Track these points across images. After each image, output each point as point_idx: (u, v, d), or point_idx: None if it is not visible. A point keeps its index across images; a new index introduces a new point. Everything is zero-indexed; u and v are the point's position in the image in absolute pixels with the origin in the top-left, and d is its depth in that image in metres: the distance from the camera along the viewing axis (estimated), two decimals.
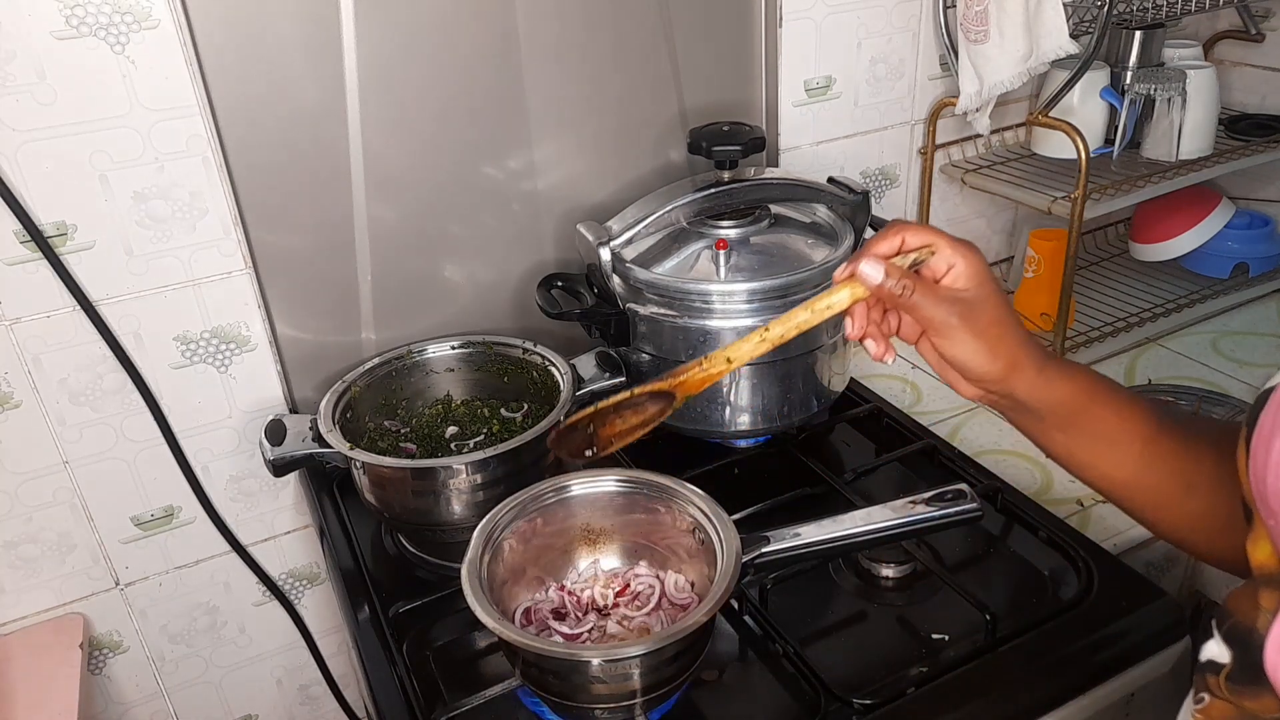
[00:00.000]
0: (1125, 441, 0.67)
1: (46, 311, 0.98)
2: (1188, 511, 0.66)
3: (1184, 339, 1.40)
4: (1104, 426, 0.68)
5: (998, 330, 0.66)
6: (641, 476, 0.87)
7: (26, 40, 0.88)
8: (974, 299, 0.66)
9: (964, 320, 0.65)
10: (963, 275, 0.66)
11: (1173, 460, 0.66)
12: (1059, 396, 0.68)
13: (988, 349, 0.66)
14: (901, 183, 1.41)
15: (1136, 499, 0.69)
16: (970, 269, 0.66)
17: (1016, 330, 0.67)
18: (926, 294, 0.65)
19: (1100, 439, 0.68)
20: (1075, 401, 0.68)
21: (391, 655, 0.88)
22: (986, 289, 0.66)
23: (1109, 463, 0.69)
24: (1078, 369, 0.70)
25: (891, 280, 0.65)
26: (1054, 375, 0.67)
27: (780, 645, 0.85)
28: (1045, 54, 1.16)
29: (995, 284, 0.67)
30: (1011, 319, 0.67)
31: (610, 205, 1.20)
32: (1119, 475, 0.69)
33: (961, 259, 0.66)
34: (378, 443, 1.07)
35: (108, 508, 1.09)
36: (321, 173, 1.07)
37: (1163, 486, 0.67)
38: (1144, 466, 0.67)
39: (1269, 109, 1.50)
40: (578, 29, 1.13)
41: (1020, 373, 0.67)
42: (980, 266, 0.67)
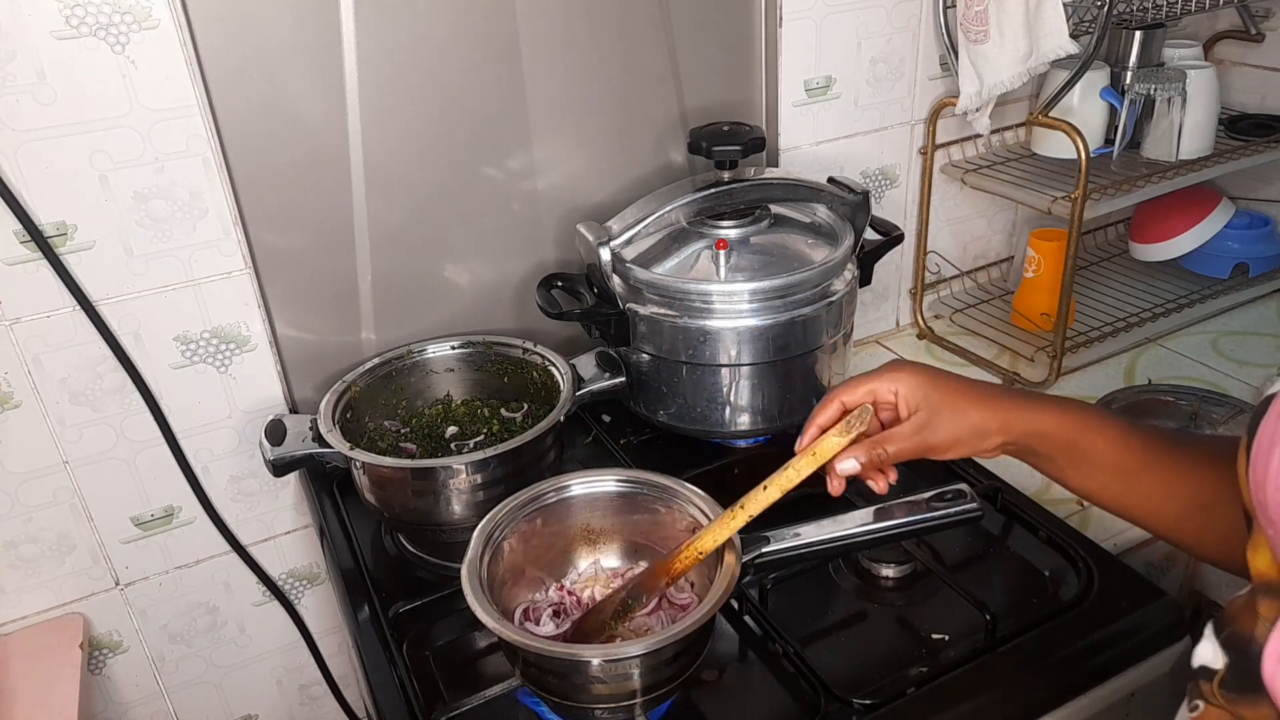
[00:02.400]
0: (1126, 467, 0.70)
1: (46, 311, 0.98)
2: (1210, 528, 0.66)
3: (1184, 339, 1.40)
4: (1102, 455, 0.70)
5: (964, 418, 0.72)
6: (641, 476, 0.86)
7: (26, 40, 0.88)
8: (930, 412, 0.72)
9: (935, 437, 0.72)
10: (908, 398, 0.73)
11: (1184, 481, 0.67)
12: (1052, 431, 0.71)
13: (967, 439, 0.72)
14: (901, 183, 1.41)
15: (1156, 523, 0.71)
16: (910, 390, 0.73)
17: (983, 397, 0.72)
18: (896, 444, 0.72)
19: (1102, 467, 0.70)
20: (1069, 434, 0.71)
21: (391, 655, 0.88)
22: (934, 392, 0.72)
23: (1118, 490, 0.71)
24: (1065, 404, 0.73)
25: (864, 458, 0.72)
26: (1043, 414, 0.71)
27: (780, 645, 0.85)
28: (1045, 54, 1.16)
29: (938, 381, 0.73)
30: (973, 395, 0.72)
31: (610, 205, 1.20)
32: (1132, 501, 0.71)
33: (899, 384, 0.73)
34: (378, 443, 1.07)
35: (108, 508, 1.09)
36: (321, 173, 1.07)
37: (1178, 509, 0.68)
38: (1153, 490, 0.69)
39: (1269, 109, 1.50)
40: (578, 29, 1.13)
41: (1008, 429, 0.71)
42: (916, 382, 0.73)
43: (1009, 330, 1.42)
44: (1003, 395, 0.73)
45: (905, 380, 0.73)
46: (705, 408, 1.10)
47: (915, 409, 0.73)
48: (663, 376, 1.10)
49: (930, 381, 0.73)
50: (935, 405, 0.72)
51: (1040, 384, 1.29)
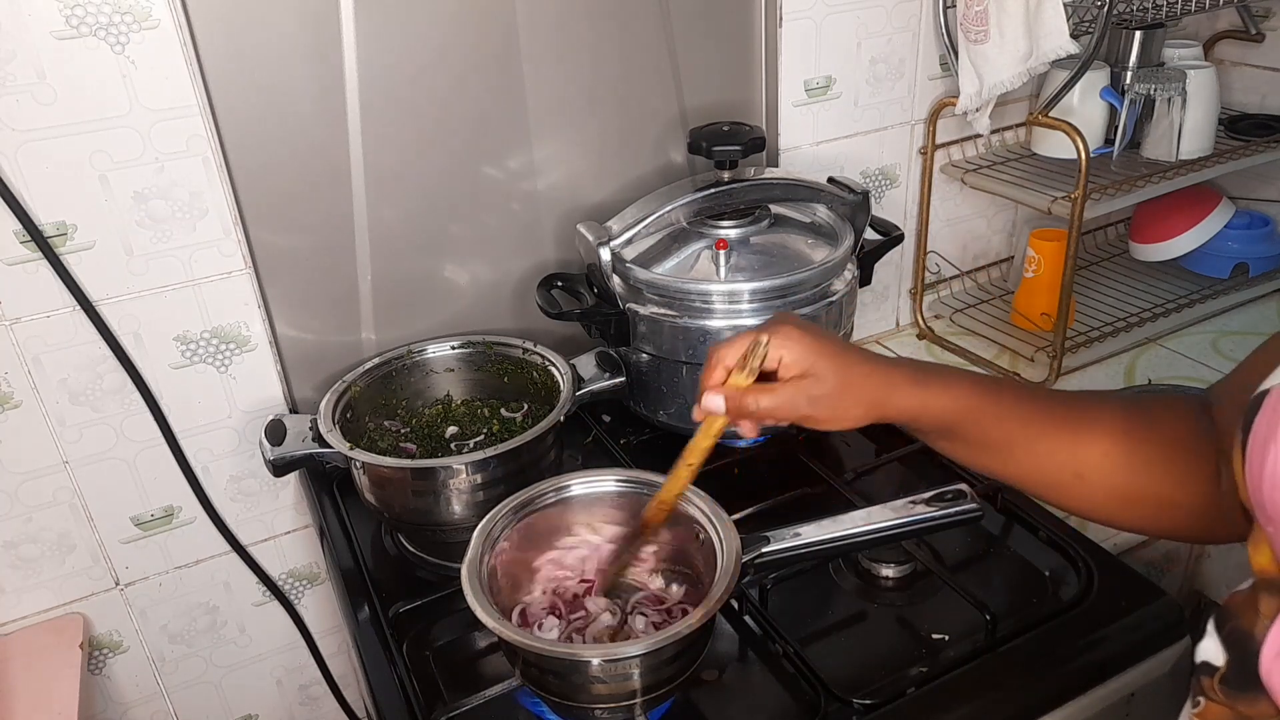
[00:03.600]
0: (1005, 443, 0.69)
1: (46, 311, 0.98)
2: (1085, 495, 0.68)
3: (1184, 339, 1.40)
4: (983, 432, 0.70)
5: (848, 389, 0.70)
6: (641, 476, 0.86)
7: (26, 40, 0.88)
8: (812, 378, 0.70)
9: (814, 402, 0.70)
10: (792, 362, 0.70)
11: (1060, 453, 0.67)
12: (935, 412, 0.70)
13: (847, 409, 0.70)
14: (901, 183, 1.41)
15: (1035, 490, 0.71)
16: (794, 352, 0.70)
17: (869, 370, 0.71)
18: (771, 399, 0.70)
19: (979, 444, 0.70)
20: (953, 413, 0.70)
21: (391, 655, 0.88)
22: (819, 359, 0.70)
23: (994, 464, 0.71)
24: (958, 380, 0.71)
25: (733, 405, 0.71)
26: (930, 392, 0.70)
27: (780, 645, 0.85)
28: (1045, 54, 1.15)
29: (825, 346, 0.70)
30: (859, 366, 0.70)
31: (610, 205, 1.20)
32: (1008, 472, 0.70)
33: (783, 349, 0.70)
34: (378, 443, 1.07)
35: (108, 508, 1.09)
36: (321, 173, 1.07)
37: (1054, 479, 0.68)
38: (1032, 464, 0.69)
39: (1269, 109, 1.50)
40: (578, 29, 1.13)
41: (890, 405, 0.70)
42: (801, 341, 0.70)
43: (1009, 330, 1.42)
44: (890, 370, 0.71)
45: (791, 345, 0.70)
46: None
47: (799, 374, 0.70)
48: (663, 376, 1.10)
49: (818, 346, 0.70)
50: (821, 372, 0.70)
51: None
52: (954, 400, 0.70)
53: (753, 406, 0.70)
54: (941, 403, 0.70)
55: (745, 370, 0.71)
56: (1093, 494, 0.67)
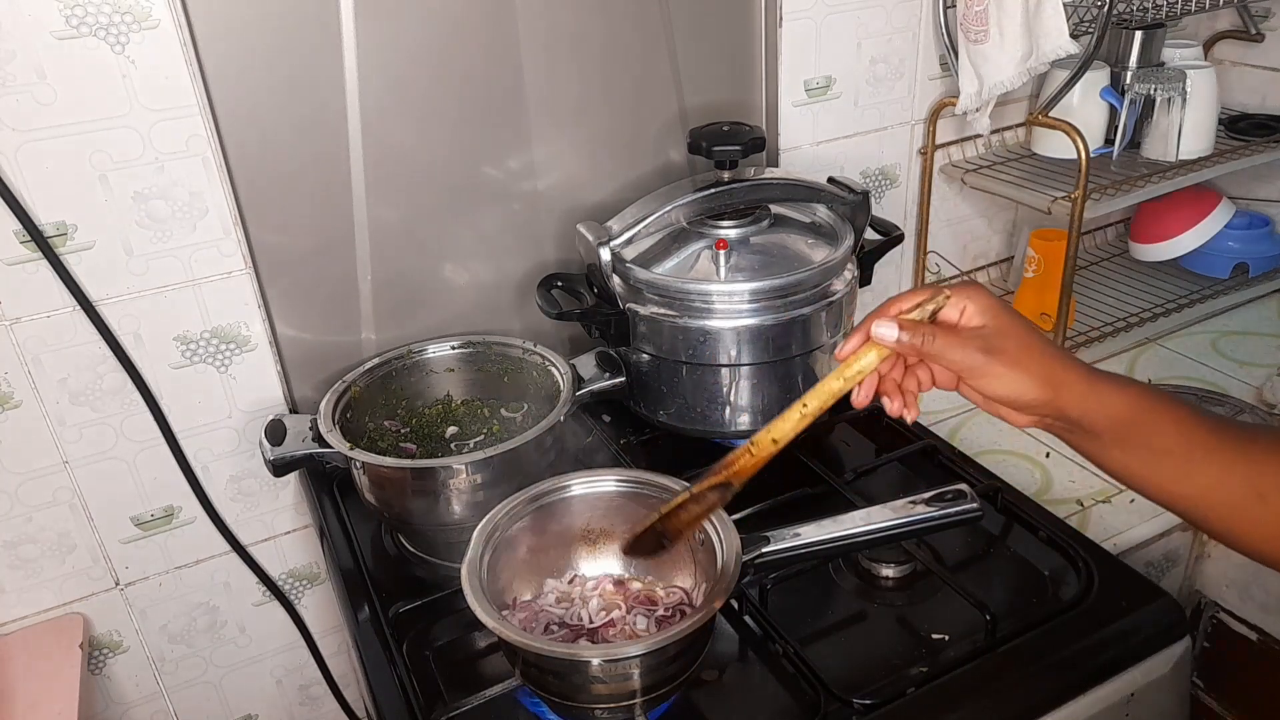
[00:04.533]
0: (1185, 453, 0.65)
1: (46, 311, 0.98)
2: (1263, 520, 0.63)
3: (1184, 339, 1.40)
4: (1163, 440, 0.65)
5: (1029, 355, 0.65)
6: (641, 476, 0.86)
7: (26, 40, 0.88)
8: (994, 332, 0.65)
9: (991, 355, 0.65)
10: (976, 313, 0.66)
11: (1240, 468, 0.64)
12: (1112, 411, 0.66)
13: (1025, 376, 0.65)
14: (901, 183, 1.41)
15: (1207, 513, 0.66)
16: (981, 304, 0.66)
17: (1050, 350, 0.66)
18: (948, 339, 0.65)
19: (1159, 452, 0.66)
20: (1130, 414, 0.66)
21: (391, 655, 0.88)
22: (1004, 319, 0.66)
23: (1170, 477, 0.66)
24: (1129, 383, 0.67)
25: (906, 335, 0.65)
26: (1104, 390, 0.66)
27: (780, 645, 0.85)
28: (1045, 54, 1.16)
29: (1012, 313, 0.67)
30: (1041, 341, 0.66)
31: (610, 205, 1.20)
32: (1183, 489, 0.66)
33: (969, 300, 0.66)
34: (378, 443, 1.07)
35: (108, 508, 1.09)
36: (321, 173, 1.07)
37: (1232, 498, 0.64)
38: (1210, 478, 0.65)
39: (1269, 109, 1.50)
40: (578, 29, 1.13)
41: (1067, 391, 0.65)
42: (990, 300, 0.66)
43: None
44: (1067, 360, 0.67)
45: (979, 296, 0.66)
46: (705, 408, 1.10)
47: (981, 325, 0.66)
48: (663, 376, 1.10)
49: (1004, 309, 0.66)
50: (1004, 330, 0.65)
51: None
52: (1131, 400, 0.66)
53: (928, 344, 0.65)
54: (1119, 400, 0.66)
55: (920, 311, 0.66)
56: (1273, 520, 0.62)
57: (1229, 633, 1.08)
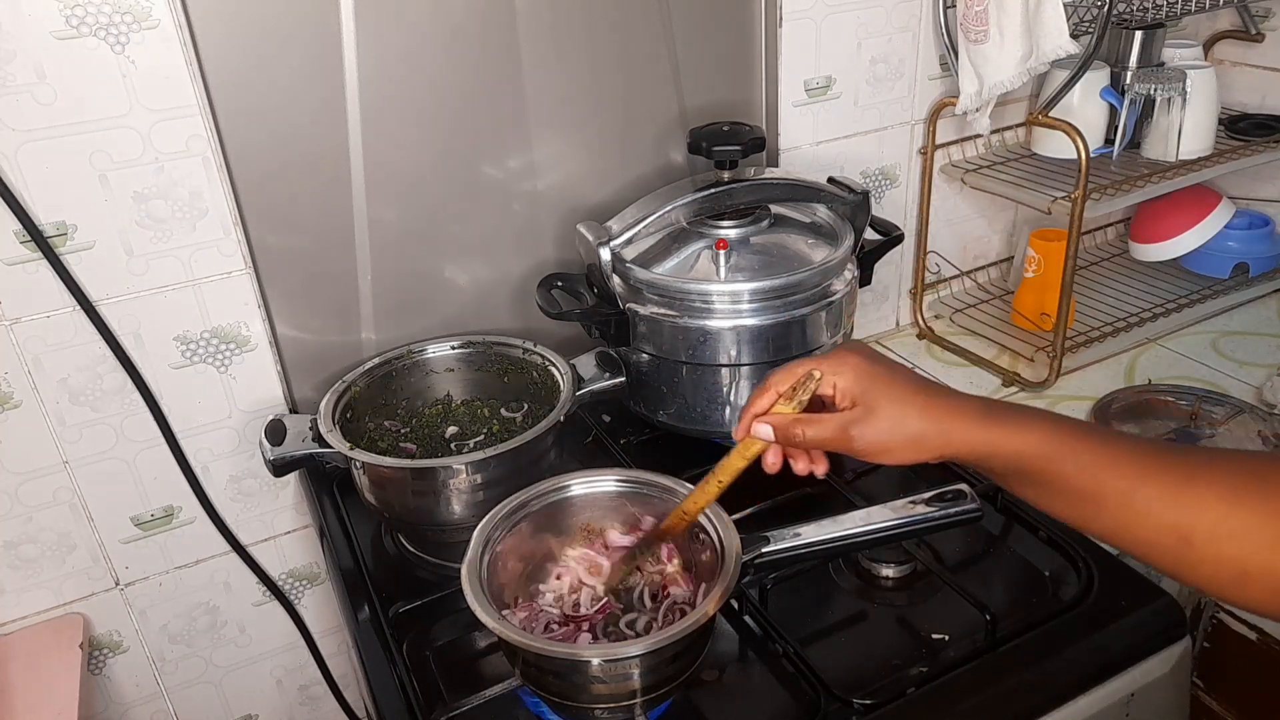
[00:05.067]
0: (1095, 494, 0.61)
1: (46, 311, 0.98)
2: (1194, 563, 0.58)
3: (1184, 339, 1.40)
4: (1071, 480, 0.62)
5: (905, 425, 0.66)
6: (641, 476, 0.86)
7: (26, 40, 0.88)
8: (864, 408, 0.67)
9: (863, 432, 0.67)
10: (846, 392, 0.68)
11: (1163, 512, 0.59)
12: (1010, 451, 0.64)
13: (904, 445, 0.66)
14: (901, 183, 1.41)
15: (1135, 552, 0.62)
16: (850, 381, 0.68)
17: (932, 402, 0.66)
18: (817, 429, 0.68)
19: (1070, 493, 0.63)
20: (1034, 453, 0.63)
21: (391, 655, 0.88)
22: (875, 392, 0.67)
23: (1086, 516, 0.63)
24: (1036, 421, 0.65)
25: (781, 433, 0.69)
26: (1001, 430, 0.64)
27: (780, 645, 0.85)
28: (1045, 54, 1.16)
29: (885, 381, 0.67)
30: (917, 406, 0.66)
31: (610, 205, 1.20)
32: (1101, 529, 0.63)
33: (839, 376, 0.68)
34: (378, 443, 1.07)
35: (108, 508, 1.09)
36: (321, 173, 1.07)
37: (1158, 540, 0.59)
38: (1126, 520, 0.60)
39: (1269, 109, 1.50)
40: (578, 29, 1.13)
41: (954, 441, 0.65)
42: (860, 373, 0.68)
43: (1009, 330, 1.42)
44: (954, 405, 0.66)
45: (847, 373, 0.68)
46: (705, 408, 1.10)
47: (850, 404, 0.68)
48: (663, 376, 1.10)
49: (875, 377, 0.68)
50: (872, 404, 0.67)
51: (1040, 384, 1.29)
52: (1031, 441, 0.63)
53: (798, 436, 0.68)
54: (1015, 443, 0.64)
55: (794, 402, 0.69)
56: (1201, 563, 0.58)
57: (1229, 633, 1.08)
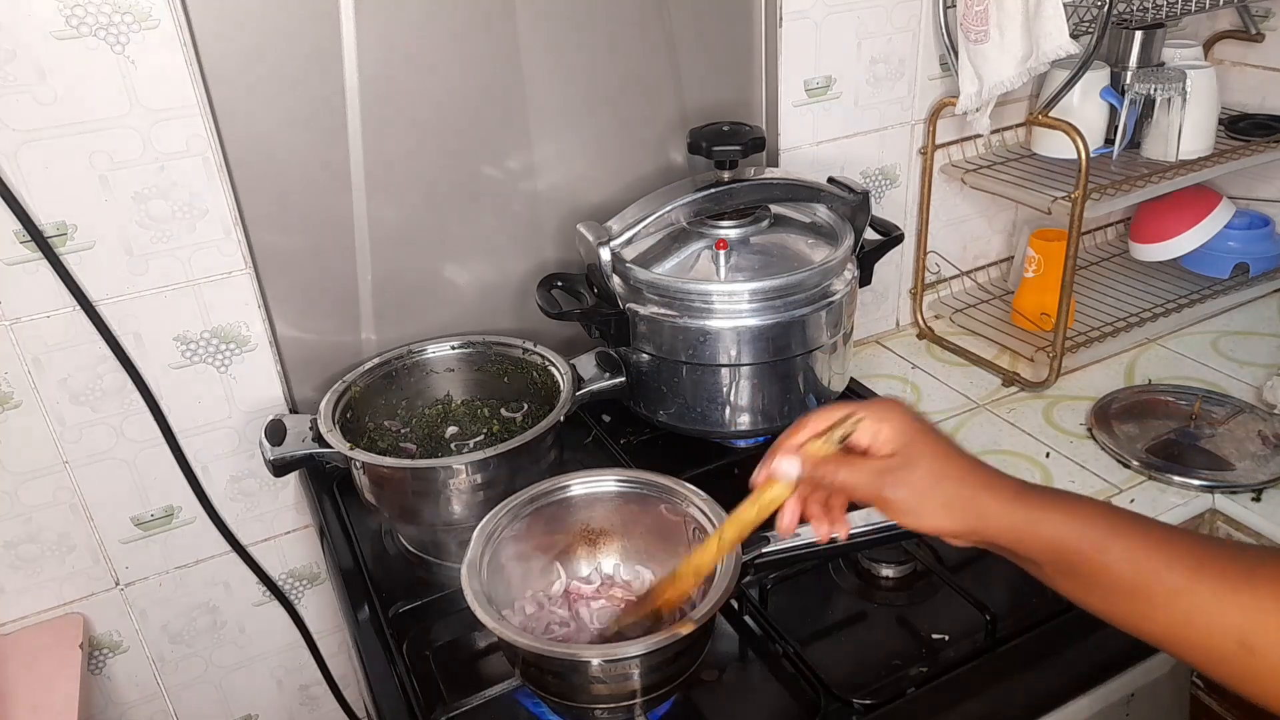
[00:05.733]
0: (1144, 592, 0.56)
1: (46, 311, 0.98)
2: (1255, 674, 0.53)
3: (1184, 339, 1.40)
4: (1114, 574, 0.57)
5: (943, 484, 0.61)
6: (641, 476, 0.86)
7: (26, 40, 0.88)
8: (903, 462, 0.62)
9: (899, 487, 0.61)
10: (889, 439, 0.63)
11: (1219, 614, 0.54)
12: (1048, 539, 0.59)
13: (937, 508, 0.61)
14: (901, 183, 1.41)
15: (1183, 655, 0.57)
16: (895, 428, 0.63)
17: (970, 475, 0.62)
18: (852, 472, 0.63)
19: (1111, 588, 0.58)
20: (1073, 543, 0.58)
21: (391, 655, 0.88)
22: (918, 446, 0.62)
23: (1129, 614, 0.58)
24: (1076, 505, 0.60)
25: (808, 470, 0.64)
26: (1039, 515, 0.60)
27: (780, 645, 0.85)
28: (1045, 54, 1.15)
29: (929, 438, 0.63)
30: (959, 467, 0.62)
31: (610, 205, 1.20)
32: (1148, 629, 0.57)
33: (884, 423, 0.63)
34: (378, 443, 1.07)
35: (108, 508, 1.09)
36: (321, 173, 1.07)
37: (1210, 645, 0.54)
38: (1178, 621, 0.55)
39: (1269, 109, 1.50)
40: (578, 29, 1.13)
41: (990, 520, 0.61)
42: (905, 421, 0.63)
43: (1009, 330, 1.42)
44: (992, 479, 0.62)
45: (894, 421, 0.63)
46: (705, 408, 1.10)
47: (891, 453, 0.62)
48: (663, 376, 1.10)
49: (920, 432, 0.63)
50: (914, 457, 0.62)
51: (1040, 384, 1.29)
52: (1072, 526, 0.58)
53: (829, 474, 0.63)
54: (1055, 527, 0.59)
55: (828, 439, 0.64)
56: (1264, 671, 0.52)
57: None
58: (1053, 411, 1.26)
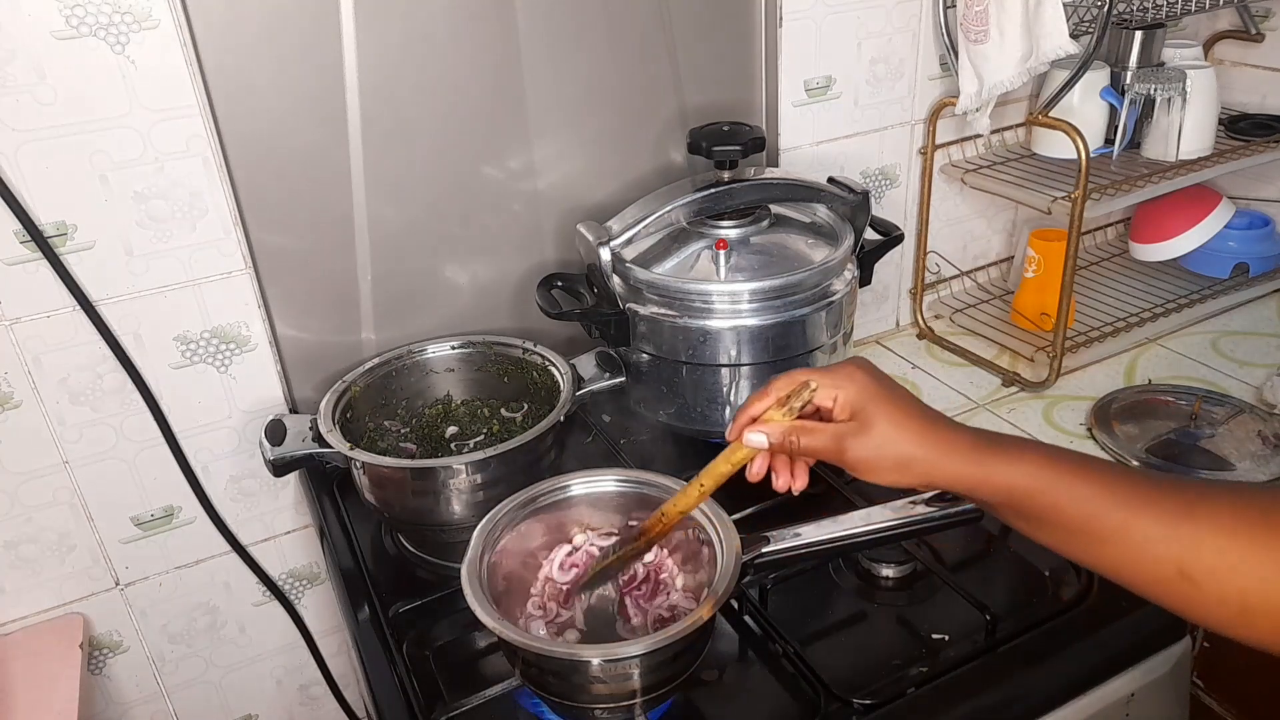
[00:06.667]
0: (1094, 529, 0.61)
1: (46, 311, 0.98)
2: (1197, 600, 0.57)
3: (1184, 339, 1.40)
4: (1064, 515, 0.62)
5: (895, 447, 0.66)
6: (641, 476, 0.86)
7: (26, 40, 0.88)
8: (860, 423, 0.67)
9: (855, 449, 0.66)
10: (846, 405, 0.68)
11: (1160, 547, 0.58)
12: (1001, 485, 0.64)
13: (890, 465, 0.66)
14: (901, 183, 1.41)
15: (1135, 587, 0.61)
16: (851, 395, 0.67)
17: (928, 428, 0.66)
18: (812, 438, 0.67)
19: (1063, 528, 0.63)
20: (1024, 487, 0.63)
21: (391, 655, 0.88)
22: (872, 410, 0.66)
23: (1081, 551, 0.63)
24: (1028, 452, 0.64)
25: (777, 439, 0.68)
26: (992, 462, 0.64)
27: (780, 645, 0.85)
28: (1045, 54, 1.16)
29: (884, 400, 0.67)
30: (912, 426, 0.66)
31: (610, 205, 1.20)
32: (1100, 564, 0.62)
33: (840, 389, 0.68)
34: (378, 443, 1.07)
35: (108, 508, 1.09)
36: (321, 173, 1.07)
37: (1156, 576, 0.59)
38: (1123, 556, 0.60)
39: (1269, 109, 1.50)
40: (578, 29, 1.13)
41: (944, 468, 0.65)
42: (861, 388, 0.67)
43: (1009, 330, 1.42)
44: (948, 436, 0.66)
45: (850, 387, 0.68)
46: (705, 408, 1.10)
47: (849, 416, 0.67)
48: (663, 376, 1.10)
49: (877, 395, 0.67)
50: (869, 419, 0.66)
51: (1040, 384, 1.29)
52: (1022, 473, 0.63)
53: (793, 443, 0.68)
54: (1006, 475, 0.63)
55: (785, 409, 0.68)
56: (1203, 599, 0.57)
57: None
58: (1053, 411, 1.26)
